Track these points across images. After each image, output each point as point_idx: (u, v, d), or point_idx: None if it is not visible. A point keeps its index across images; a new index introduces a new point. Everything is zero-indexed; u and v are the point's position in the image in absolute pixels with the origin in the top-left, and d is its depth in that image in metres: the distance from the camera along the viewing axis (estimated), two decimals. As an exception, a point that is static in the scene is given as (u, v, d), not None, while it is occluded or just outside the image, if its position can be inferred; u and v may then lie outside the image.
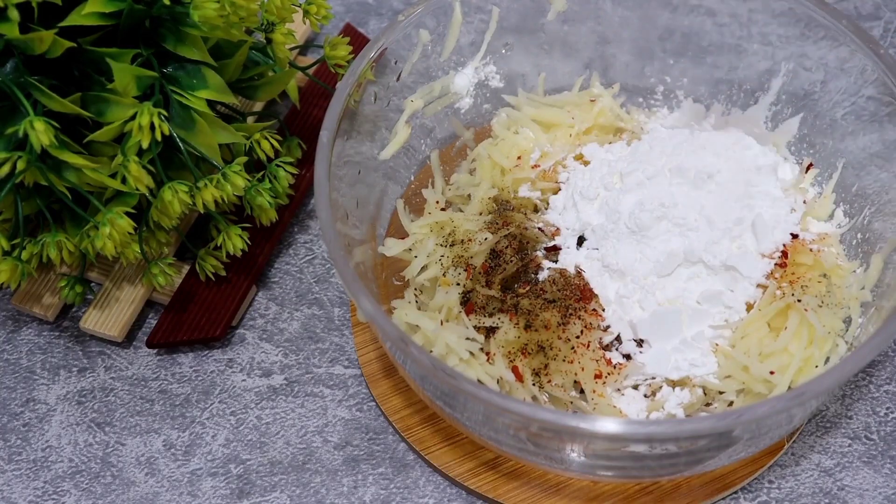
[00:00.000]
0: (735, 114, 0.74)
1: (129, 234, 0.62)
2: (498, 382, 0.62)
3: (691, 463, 0.58)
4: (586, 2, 0.72)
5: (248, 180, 0.66)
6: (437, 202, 0.71)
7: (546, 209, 0.70)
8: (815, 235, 0.67)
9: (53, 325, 0.72)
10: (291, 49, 0.69)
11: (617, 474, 0.60)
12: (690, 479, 0.63)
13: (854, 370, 0.53)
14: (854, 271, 0.65)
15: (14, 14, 0.56)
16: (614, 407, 0.61)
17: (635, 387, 0.63)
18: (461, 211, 0.70)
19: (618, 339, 0.64)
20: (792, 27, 0.68)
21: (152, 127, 0.60)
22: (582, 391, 0.62)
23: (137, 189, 0.61)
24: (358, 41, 0.80)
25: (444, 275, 0.65)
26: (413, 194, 0.73)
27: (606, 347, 0.63)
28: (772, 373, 0.60)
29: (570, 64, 0.76)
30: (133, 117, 0.61)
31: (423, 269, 0.66)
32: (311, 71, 0.73)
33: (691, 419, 0.57)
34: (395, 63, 0.67)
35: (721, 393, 0.62)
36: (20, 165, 0.58)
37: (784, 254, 0.65)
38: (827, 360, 0.62)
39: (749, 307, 0.64)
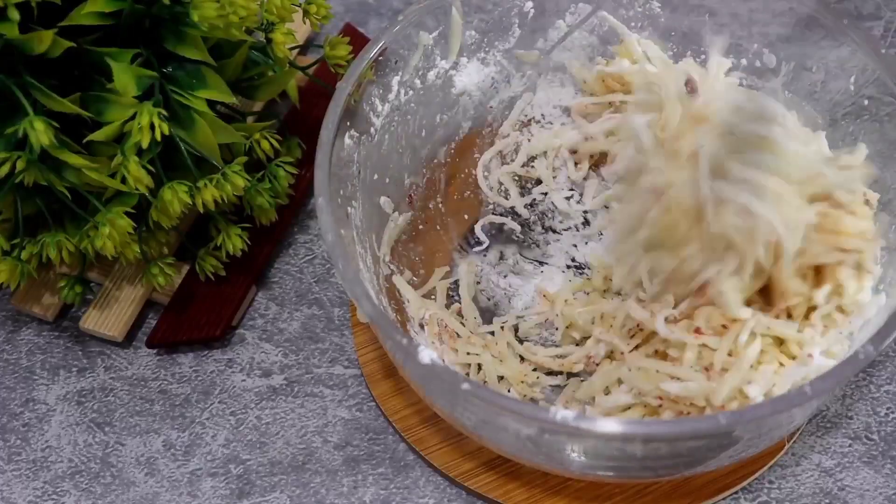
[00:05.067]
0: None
1: (129, 233, 0.62)
2: None
3: (691, 463, 0.58)
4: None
5: (248, 180, 0.66)
6: None
7: None
8: None
9: (53, 325, 0.72)
10: (291, 49, 0.69)
11: (617, 474, 0.60)
12: (690, 479, 0.63)
13: (854, 370, 0.53)
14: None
15: (14, 14, 0.56)
16: None
17: None
18: None
19: None
20: (792, 27, 0.68)
21: (152, 127, 0.60)
22: None
23: (137, 189, 0.61)
24: (358, 41, 0.80)
25: None
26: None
27: None
28: None
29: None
30: (133, 117, 0.60)
31: None
32: (311, 71, 0.73)
33: (691, 419, 0.57)
34: (395, 63, 0.67)
35: None
36: (20, 165, 0.58)
37: None
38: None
39: None
